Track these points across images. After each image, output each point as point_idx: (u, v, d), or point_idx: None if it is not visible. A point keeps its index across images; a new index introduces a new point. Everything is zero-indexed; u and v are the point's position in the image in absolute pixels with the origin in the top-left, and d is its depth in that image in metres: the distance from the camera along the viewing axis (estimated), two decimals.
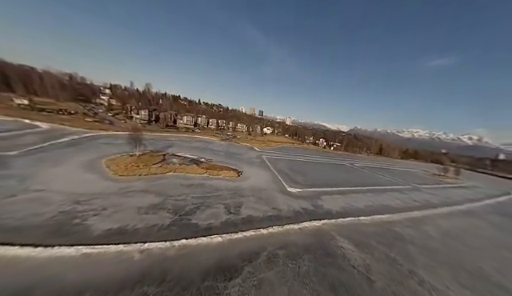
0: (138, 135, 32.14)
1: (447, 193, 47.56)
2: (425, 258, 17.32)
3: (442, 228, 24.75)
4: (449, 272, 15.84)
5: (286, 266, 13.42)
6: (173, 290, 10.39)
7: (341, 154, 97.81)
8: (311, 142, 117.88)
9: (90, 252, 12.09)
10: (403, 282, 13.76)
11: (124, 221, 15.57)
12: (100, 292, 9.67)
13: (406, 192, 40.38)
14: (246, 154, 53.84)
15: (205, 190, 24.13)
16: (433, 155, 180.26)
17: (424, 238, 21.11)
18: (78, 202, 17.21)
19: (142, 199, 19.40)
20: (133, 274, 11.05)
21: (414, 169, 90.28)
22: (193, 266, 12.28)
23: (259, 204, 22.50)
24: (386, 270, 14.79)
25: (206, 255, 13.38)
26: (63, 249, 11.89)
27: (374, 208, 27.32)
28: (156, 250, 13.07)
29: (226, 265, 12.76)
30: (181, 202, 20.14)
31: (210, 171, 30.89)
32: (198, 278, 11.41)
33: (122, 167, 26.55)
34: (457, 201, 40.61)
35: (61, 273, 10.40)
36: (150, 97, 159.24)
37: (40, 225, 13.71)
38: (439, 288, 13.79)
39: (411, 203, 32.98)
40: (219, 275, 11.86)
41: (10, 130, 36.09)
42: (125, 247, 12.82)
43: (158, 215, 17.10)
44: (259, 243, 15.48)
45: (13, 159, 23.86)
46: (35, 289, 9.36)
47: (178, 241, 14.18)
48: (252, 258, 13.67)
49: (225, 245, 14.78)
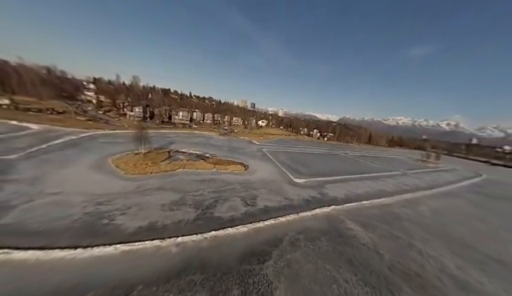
0: (143, 133, 31.70)
1: (431, 176, 52.31)
2: (420, 232, 19.96)
3: (430, 207, 27.97)
4: (440, 243, 18.54)
5: (308, 248, 15.12)
6: (216, 275, 11.60)
7: (334, 144, 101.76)
8: (305, 134, 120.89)
9: (128, 249, 12.81)
10: (405, 253, 16.09)
11: (151, 218, 16.26)
12: (150, 284, 10.58)
13: (397, 177, 43.98)
14: (247, 147, 54.72)
15: (218, 184, 25.04)
16: (416, 142, 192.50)
17: (417, 216, 23.97)
18: (100, 202, 17.49)
19: (161, 196, 19.98)
20: (175, 265, 12.05)
21: (400, 156, 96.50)
22: (227, 253, 13.51)
23: (272, 195, 23.94)
24: (390, 244, 17.06)
25: (237, 244, 14.65)
26: (102, 248, 12.46)
27: (373, 193, 29.96)
28: (190, 243, 14.09)
29: (256, 250, 14.15)
30: (199, 197, 20.99)
31: (218, 166, 31.65)
32: (235, 264, 12.70)
33: (131, 166, 26.51)
34: (440, 183, 45.05)
35: (107, 270, 11.08)
36: (138, 91, 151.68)
37: (69, 227, 14.02)
38: (434, 255, 16.33)
39: (403, 187, 36.30)
40: (253, 259, 13.23)
41: (3, 133, 33.86)
42: (161, 242, 13.67)
43: (181, 211, 17.91)
44: (280, 230, 17.01)
45: (15, 163, 22.97)
46: (88, 287, 10.08)
47: (208, 233, 15.25)
48: (277, 243, 15.17)
49: (250, 234, 16.11)
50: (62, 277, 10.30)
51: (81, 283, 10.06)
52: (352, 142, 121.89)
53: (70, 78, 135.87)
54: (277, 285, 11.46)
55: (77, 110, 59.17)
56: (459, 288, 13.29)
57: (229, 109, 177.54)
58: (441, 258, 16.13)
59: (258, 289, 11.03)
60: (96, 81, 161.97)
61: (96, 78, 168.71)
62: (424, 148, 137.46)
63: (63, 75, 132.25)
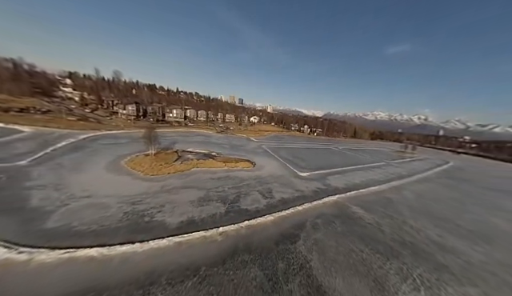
0: (152, 134, 31.98)
1: (410, 165, 59.47)
2: (409, 212, 24.23)
3: (414, 191, 33.05)
4: (424, 219, 22.90)
5: (327, 229, 18.11)
6: (261, 255, 13.94)
7: (324, 139, 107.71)
8: (296, 129, 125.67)
9: (179, 240, 14.51)
10: (400, 228, 19.92)
11: (188, 213, 17.89)
12: (211, 265, 12.55)
13: (383, 168, 49.57)
14: (247, 144, 56.60)
15: (234, 181, 26.97)
16: (394, 135, 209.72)
17: (405, 199, 28.52)
18: (134, 202, 18.56)
19: (187, 194, 21.47)
20: (224, 250, 14.11)
21: (382, 148, 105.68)
22: (264, 238, 15.87)
23: (284, 188, 26.61)
24: (388, 222, 20.82)
25: (269, 230, 17.06)
26: (157, 241, 14.01)
27: (366, 182, 34.23)
28: (231, 232, 16.16)
29: (286, 234, 16.71)
30: (221, 193, 22.84)
31: (228, 164, 33.39)
32: (273, 245, 15.14)
33: (146, 167, 27.16)
34: (418, 171, 51.79)
35: (169, 258, 12.75)
36: (120, 87, 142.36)
37: (117, 226, 15.19)
38: (421, 228, 20.45)
39: (389, 176, 41.49)
40: (286, 241, 15.78)
41: None
42: (205, 233, 15.55)
43: (211, 206, 19.72)
44: (301, 217, 19.77)
45: (28, 169, 22.43)
46: (161, 272, 11.76)
47: (242, 223, 17.41)
48: (301, 227, 17.90)
49: (277, 221, 18.60)
50: (133, 267, 11.81)
51: (153, 270, 11.70)
52: (339, 137, 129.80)
53: (41, 72, 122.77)
54: (311, 257, 14.19)
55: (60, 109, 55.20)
56: (440, 249, 17.32)
57: (219, 105, 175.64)
58: (426, 230, 20.29)
59: (297, 262, 13.64)
60: (71, 75, 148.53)
61: (71, 73, 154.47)
62: (401, 140, 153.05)
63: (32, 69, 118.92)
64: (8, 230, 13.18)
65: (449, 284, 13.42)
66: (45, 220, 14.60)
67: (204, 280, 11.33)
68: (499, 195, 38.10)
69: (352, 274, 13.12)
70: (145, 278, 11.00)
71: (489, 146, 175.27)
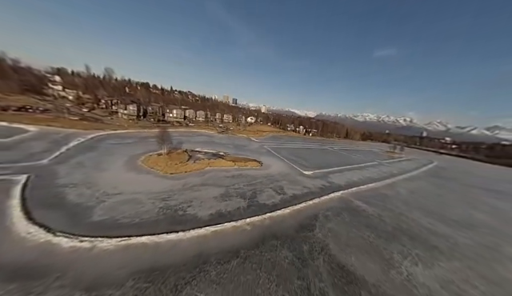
0: (165, 135, 33.16)
1: (400, 165, 64.38)
2: (403, 205, 27.53)
3: (406, 188, 36.80)
4: (417, 211, 26.26)
5: (337, 219, 20.69)
6: (287, 240, 16.16)
7: (319, 140, 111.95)
8: (292, 130, 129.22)
9: (214, 230, 16.39)
10: (398, 219, 22.99)
11: (215, 207, 19.71)
12: (248, 249, 14.58)
13: (376, 167, 53.61)
14: (250, 145, 58.59)
15: (247, 179, 28.96)
16: (382, 136, 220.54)
17: (399, 195, 31.97)
18: (164, 198, 20.08)
19: (209, 191, 23.22)
20: (255, 237, 16.17)
21: (373, 148, 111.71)
22: (286, 227, 18.10)
23: (293, 185, 29.01)
24: (387, 214, 23.84)
25: (288, 221, 19.31)
26: (196, 230, 15.81)
27: (364, 179, 37.54)
28: (256, 222, 18.22)
29: (303, 224, 19.06)
30: (239, 189, 24.79)
31: (238, 163, 35.28)
32: (295, 233, 17.42)
33: (163, 166, 28.45)
34: (407, 170, 56.48)
35: (210, 244, 14.64)
36: (112, 85, 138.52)
37: (156, 219, 16.74)
38: (415, 219, 23.67)
39: (383, 174, 45.31)
40: (304, 229, 18.12)
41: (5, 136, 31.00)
42: (235, 223, 17.51)
43: (233, 201, 21.64)
44: (313, 210, 22.23)
45: (53, 168, 23.08)
46: (208, 253, 13.64)
47: (264, 215, 19.53)
48: (315, 219, 20.34)
49: (293, 214, 20.90)
50: (182, 251, 13.59)
51: (200, 253, 13.54)
52: (333, 137, 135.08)
53: (26, 68, 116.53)
54: (328, 242, 16.62)
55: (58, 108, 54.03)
56: (431, 234, 20.49)
57: (215, 105, 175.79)
58: (419, 220, 23.55)
59: (318, 245, 16.01)
60: (60, 72, 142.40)
61: (59, 69, 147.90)
62: (389, 141, 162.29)
63: (16, 64, 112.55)
64: (61, 223, 14.41)
65: (440, 260, 16.41)
66: (90, 214, 15.89)
67: (246, 260, 13.37)
68: (479, 192, 43.06)
69: (363, 254, 15.71)
70: (196, 259, 12.85)
71: (468, 147, 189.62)
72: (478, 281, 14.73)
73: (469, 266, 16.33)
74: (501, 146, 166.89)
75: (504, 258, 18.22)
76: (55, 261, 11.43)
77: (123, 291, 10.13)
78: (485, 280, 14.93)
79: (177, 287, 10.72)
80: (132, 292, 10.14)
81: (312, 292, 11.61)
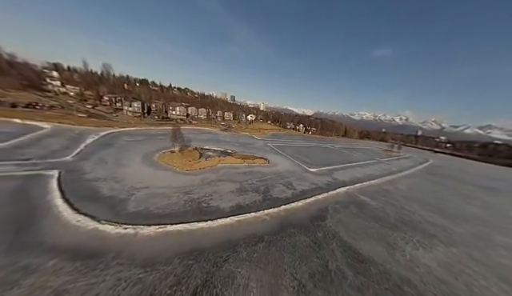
0: (178, 133, 34.56)
1: (398, 163, 66.96)
2: (403, 199, 29.70)
3: (405, 184, 39.10)
4: (416, 205, 28.42)
5: (345, 212, 22.64)
6: (302, 228, 17.98)
7: (319, 138, 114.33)
8: (292, 128, 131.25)
9: (238, 219, 18.08)
10: (400, 212, 25.08)
11: (234, 201, 21.40)
12: (270, 235, 16.33)
13: (376, 165, 55.95)
14: (254, 143, 60.26)
15: (257, 175, 30.69)
16: (379, 135, 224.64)
17: (399, 191, 34.17)
18: (186, 192, 21.68)
19: (226, 186, 24.87)
20: (275, 225, 17.94)
21: (371, 147, 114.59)
22: (300, 218, 19.93)
23: (301, 181, 30.87)
24: (390, 207, 25.90)
25: (301, 212, 21.15)
26: (223, 219, 17.49)
27: (366, 176, 39.67)
28: (273, 213, 20.00)
29: (315, 215, 20.93)
30: (252, 185, 26.52)
31: (247, 160, 36.95)
32: (309, 223, 19.27)
33: (178, 163, 29.95)
34: (405, 167, 59.01)
35: (237, 231, 16.35)
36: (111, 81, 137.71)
37: (184, 210, 18.34)
38: (415, 211, 25.81)
39: (383, 171, 47.59)
40: (316, 220, 19.98)
41: (23, 134, 32.09)
42: (255, 214, 19.25)
43: (249, 195, 23.36)
44: (322, 203, 24.12)
45: (78, 164, 24.40)
46: (237, 239, 15.36)
47: (279, 207, 21.31)
48: (325, 211, 22.23)
49: (305, 206, 22.76)
50: (213, 237, 15.26)
51: (229, 239, 15.24)
52: (332, 136, 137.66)
53: (23, 63, 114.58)
54: (338, 230, 18.52)
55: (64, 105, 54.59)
56: (430, 225, 22.60)
57: (214, 102, 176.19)
58: (418, 212, 25.73)
59: (330, 232, 17.90)
60: (57, 68, 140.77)
61: (56, 65, 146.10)
62: (386, 140, 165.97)
63: (12, 59, 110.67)
64: (102, 212, 15.93)
65: (438, 246, 18.50)
66: (125, 206, 17.42)
67: (270, 244, 15.16)
68: (472, 188, 45.72)
69: (371, 240, 17.68)
70: (227, 243, 14.56)
71: (461, 145, 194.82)
72: (471, 263, 16.83)
73: (463, 251, 18.46)
74: (493, 145, 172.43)
75: (494, 245, 20.43)
76: (107, 244, 13.01)
77: (173, 267, 11.81)
78: (477, 262, 17.03)
79: (216, 264, 12.44)
80: (180, 267, 11.82)
81: (330, 268, 13.49)
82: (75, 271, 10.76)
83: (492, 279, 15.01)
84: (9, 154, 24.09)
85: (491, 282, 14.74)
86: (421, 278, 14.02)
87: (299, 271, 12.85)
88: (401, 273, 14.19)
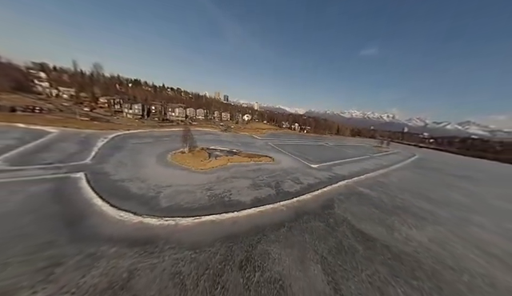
0: (188, 134, 36.08)
1: (388, 157, 72.10)
2: (396, 190, 33.40)
3: (396, 176, 43.19)
4: (408, 194, 32.19)
5: (349, 201, 25.66)
6: (315, 216, 20.66)
7: (313, 136, 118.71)
8: (288, 127, 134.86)
9: (260, 210, 20.37)
10: (395, 200, 28.57)
11: (251, 195, 23.64)
12: (290, 221, 18.81)
13: (369, 160, 60.30)
14: (255, 142, 62.55)
15: (266, 172, 33.08)
16: (369, 132, 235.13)
17: (391, 182, 38.01)
18: (207, 189, 23.64)
19: (240, 182, 27.02)
20: (292, 214, 20.44)
21: (362, 144, 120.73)
22: (312, 207, 22.59)
23: (306, 176, 33.67)
24: (386, 197, 29.33)
25: (312, 203, 23.83)
26: (247, 210, 19.71)
27: (362, 170, 43.33)
28: (289, 205, 22.50)
29: (324, 205, 23.72)
30: (264, 181, 28.87)
31: (253, 159, 39.20)
32: (320, 210, 22.01)
33: (191, 162, 31.63)
34: (395, 162, 63.96)
35: (260, 220, 18.66)
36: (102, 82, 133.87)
37: (210, 204, 20.35)
38: (407, 199, 29.47)
39: (376, 166, 51.74)
40: (327, 209, 22.77)
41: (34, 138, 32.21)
42: (273, 205, 21.64)
43: (263, 190, 25.70)
44: (329, 195, 27.00)
45: (99, 166, 25.44)
46: (262, 226, 17.67)
47: (293, 199, 23.86)
48: (332, 201, 25.10)
49: (314, 198, 25.48)
50: (241, 225, 17.48)
51: (256, 226, 17.51)
52: (325, 134, 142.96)
53: (6, 64, 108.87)
54: (347, 216, 21.41)
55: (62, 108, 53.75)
56: (420, 210, 26.21)
57: (209, 103, 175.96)
58: (410, 199, 29.43)
59: (339, 218, 20.73)
60: (44, 68, 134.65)
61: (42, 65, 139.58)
62: (375, 137, 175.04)
63: None
64: (139, 208, 17.59)
65: (428, 226, 21.93)
66: (157, 202, 19.15)
67: (291, 228, 17.66)
68: (454, 179, 50.97)
69: (373, 223, 20.70)
70: (255, 229, 16.86)
71: (443, 141, 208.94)
72: (455, 238, 20.29)
73: (448, 229, 21.99)
74: (471, 140, 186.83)
75: (473, 225, 24.24)
76: (154, 233, 14.87)
77: (216, 248, 13.95)
78: (459, 238, 20.53)
79: (252, 245, 14.73)
80: (223, 248, 13.99)
81: (344, 244, 16.23)
82: (137, 255, 12.62)
83: (470, 248, 18.53)
84: (30, 158, 24.72)
85: (468, 250, 18.24)
86: (415, 249, 17.17)
87: (319, 248, 15.46)
88: (399, 246, 17.24)
